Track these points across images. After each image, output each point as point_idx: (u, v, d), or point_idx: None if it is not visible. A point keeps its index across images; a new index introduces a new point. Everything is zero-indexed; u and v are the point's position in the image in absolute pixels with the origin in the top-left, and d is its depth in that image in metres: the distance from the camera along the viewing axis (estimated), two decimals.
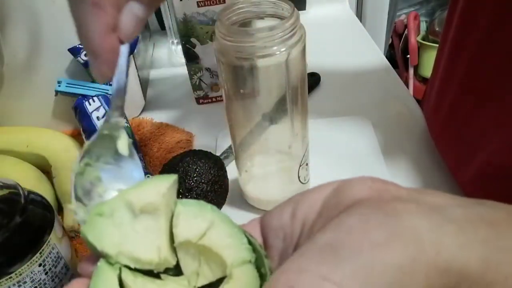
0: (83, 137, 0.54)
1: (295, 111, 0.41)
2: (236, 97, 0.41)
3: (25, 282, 0.32)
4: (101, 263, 0.21)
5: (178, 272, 0.23)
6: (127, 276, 0.21)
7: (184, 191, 0.44)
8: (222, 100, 0.43)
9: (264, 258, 0.21)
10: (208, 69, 0.63)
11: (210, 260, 0.22)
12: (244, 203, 0.49)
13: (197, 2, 0.56)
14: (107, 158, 0.26)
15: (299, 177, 0.46)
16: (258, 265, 0.21)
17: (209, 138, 0.59)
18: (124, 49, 0.27)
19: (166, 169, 0.46)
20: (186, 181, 0.44)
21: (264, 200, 0.48)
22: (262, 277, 0.21)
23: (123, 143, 0.26)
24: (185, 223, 0.22)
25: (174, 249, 0.22)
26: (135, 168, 0.26)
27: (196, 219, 0.22)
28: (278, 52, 0.36)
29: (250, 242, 0.22)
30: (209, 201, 0.45)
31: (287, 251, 0.22)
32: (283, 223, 0.22)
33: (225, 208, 0.48)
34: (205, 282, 0.22)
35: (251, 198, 0.49)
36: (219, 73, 0.40)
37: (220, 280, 0.21)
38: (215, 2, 0.56)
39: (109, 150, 0.26)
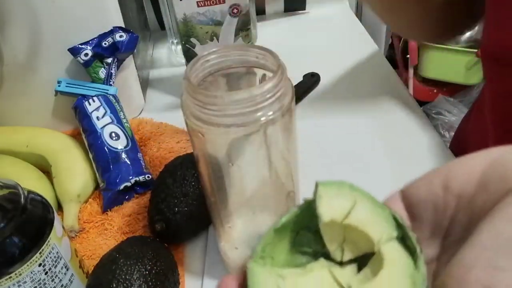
0: (83, 137, 0.54)
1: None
2: (207, 165, 0.34)
3: (25, 282, 0.32)
4: (251, 264, 0.21)
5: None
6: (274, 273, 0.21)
7: (180, 196, 0.44)
8: None
9: (409, 232, 0.21)
10: None
11: (356, 239, 0.22)
12: None
13: (197, 2, 0.56)
14: None
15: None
16: (404, 240, 0.21)
17: None
18: None
19: (166, 169, 0.46)
20: (183, 185, 0.44)
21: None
22: (410, 251, 0.20)
23: None
24: (328, 204, 0.21)
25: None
26: None
27: (338, 199, 0.22)
28: (252, 123, 0.29)
29: (394, 218, 0.21)
30: (204, 209, 0.42)
31: (440, 224, 0.21)
32: (433, 195, 0.21)
33: None
34: (350, 257, 0.22)
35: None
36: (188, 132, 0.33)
37: (365, 257, 0.21)
38: (215, 2, 0.56)
39: None
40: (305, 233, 0.23)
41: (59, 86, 0.56)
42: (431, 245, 0.22)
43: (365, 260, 0.21)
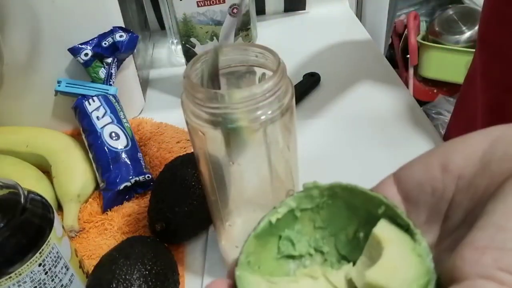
0: (83, 137, 0.54)
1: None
2: (208, 164, 0.33)
3: (24, 282, 0.32)
4: (239, 271, 0.20)
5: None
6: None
7: (180, 196, 0.43)
8: None
9: (397, 210, 0.20)
10: None
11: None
12: None
13: (197, 2, 0.56)
14: None
15: None
16: (394, 219, 0.20)
17: None
18: None
19: (166, 169, 0.46)
20: (183, 185, 0.44)
21: None
22: (403, 228, 0.20)
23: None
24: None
25: None
26: None
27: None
28: (252, 122, 0.29)
29: (380, 200, 0.21)
30: (204, 209, 0.43)
31: (438, 208, 0.20)
32: (430, 177, 0.20)
33: None
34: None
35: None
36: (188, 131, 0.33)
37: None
38: (215, 2, 0.56)
39: None
40: (290, 233, 0.22)
41: (59, 86, 0.56)
42: (429, 230, 0.21)
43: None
